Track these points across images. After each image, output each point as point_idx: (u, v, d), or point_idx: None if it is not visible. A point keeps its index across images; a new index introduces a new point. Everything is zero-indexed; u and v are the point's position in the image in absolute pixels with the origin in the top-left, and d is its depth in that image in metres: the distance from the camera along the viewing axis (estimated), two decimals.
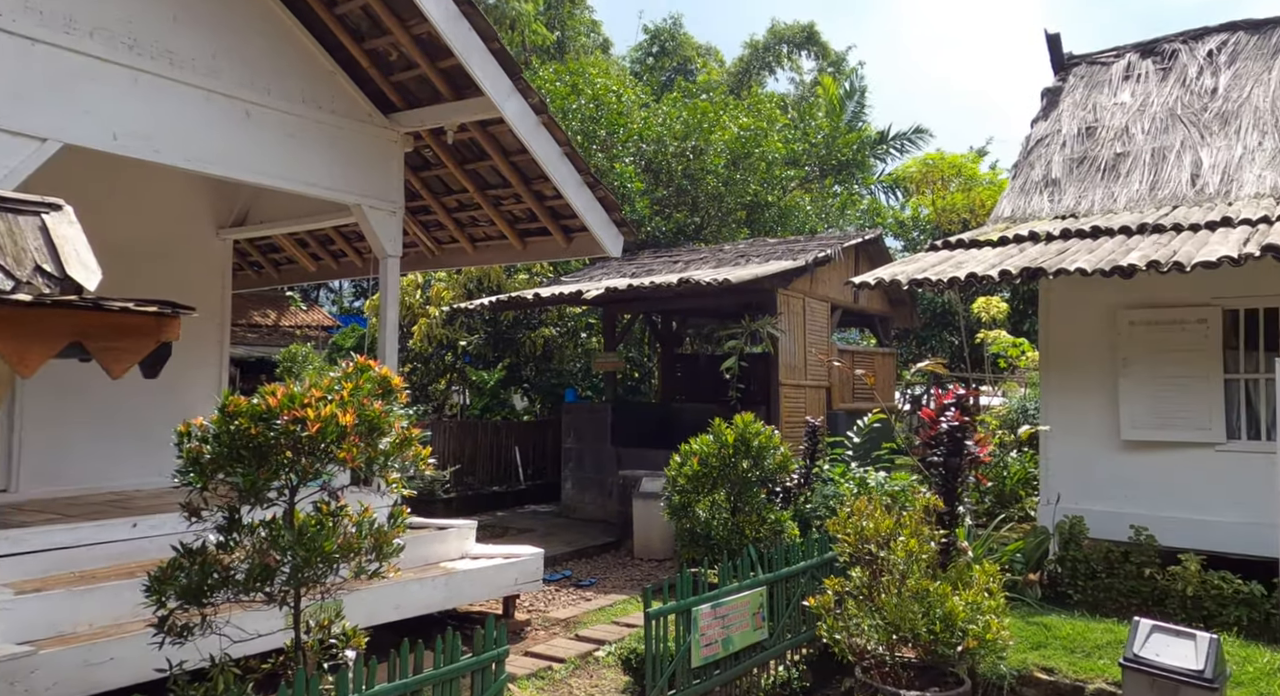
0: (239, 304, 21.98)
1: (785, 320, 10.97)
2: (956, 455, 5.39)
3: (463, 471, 13.15)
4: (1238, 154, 8.78)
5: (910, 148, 23.91)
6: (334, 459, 3.63)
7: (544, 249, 8.02)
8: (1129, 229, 7.92)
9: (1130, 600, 6.07)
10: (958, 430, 5.44)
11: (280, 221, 7.96)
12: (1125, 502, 7.36)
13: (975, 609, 4.30)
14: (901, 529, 4.51)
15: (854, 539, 4.56)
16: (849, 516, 4.69)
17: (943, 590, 4.33)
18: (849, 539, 4.59)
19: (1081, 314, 8.10)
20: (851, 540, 4.57)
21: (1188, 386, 7.40)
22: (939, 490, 5.44)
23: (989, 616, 4.31)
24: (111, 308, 2.76)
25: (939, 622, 4.22)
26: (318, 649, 3.91)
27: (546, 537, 10.59)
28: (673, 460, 6.56)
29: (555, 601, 7.90)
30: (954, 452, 5.39)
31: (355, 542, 3.56)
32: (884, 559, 4.52)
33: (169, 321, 2.97)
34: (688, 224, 16.12)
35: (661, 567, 9.34)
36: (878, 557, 4.51)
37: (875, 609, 4.48)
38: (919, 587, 4.40)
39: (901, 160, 24.12)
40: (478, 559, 6.85)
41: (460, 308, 12.51)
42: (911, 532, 4.49)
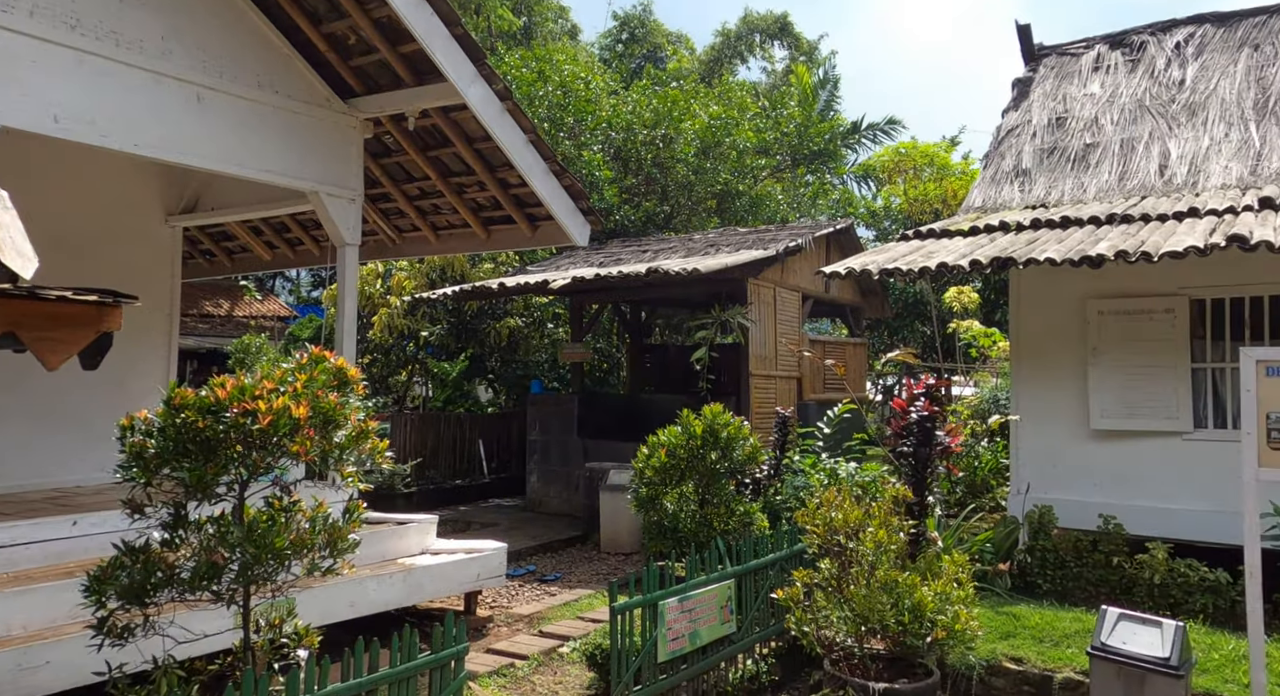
0: (190, 293, 21.40)
1: (756, 310, 10.91)
2: (926, 445, 5.35)
3: (424, 465, 12.94)
4: (1204, 145, 8.89)
5: (883, 138, 23.95)
6: (286, 453, 3.47)
7: (509, 238, 7.84)
8: (1098, 219, 7.98)
9: (1099, 589, 6.11)
10: (927, 420, 5.40)
11: (233, 208, 7.68)
12: (1094, 492, 7.42)
13: (944, 599, 4.26)
14: (870, 520, 4.45)
15: (823, 530, 4.49)
16: (818, 507, 4.62)
17: (911, 581, 4.28)
18: (818, 530, 4.52)
19: (1051, 304, 8.15)
20: (820, 531, 4.51)
21: (1156, 376, 7.47)
22: (908, 480, 5.41)
23: (958, 607, 4.27)
24: (48, 296, 2.59)
25: (908, 613, 4.18)
26: (268, 649, 3.75)
27: (511, 532, 10.45)
28: (640, 452, 6.45)
29: (519, 597, 7.76)
30: (924, 442, 5.35)
31: (308, 539, 3.40)
32: (853, 550, 4.46)
33: (109, 311, 2.80)
34: (657, 213, 16.01)
35: (629, 561, 9.25)
36: (846, 549, 4.45)
37: (844, 600, 4.42)
38: (888, 578, 4.35)
39: (874, 150, 24.22)
40: (438, 554, 6.69)
41: (422, 297, 12.27)
42: (880, 523, 4.43)
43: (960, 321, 18.30)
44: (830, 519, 4.47)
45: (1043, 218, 8.38)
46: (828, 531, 4.48)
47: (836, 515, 4.45)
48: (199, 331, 19.92)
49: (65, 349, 2.59)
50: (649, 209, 15.78)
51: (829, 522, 4.47)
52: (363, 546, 3.90)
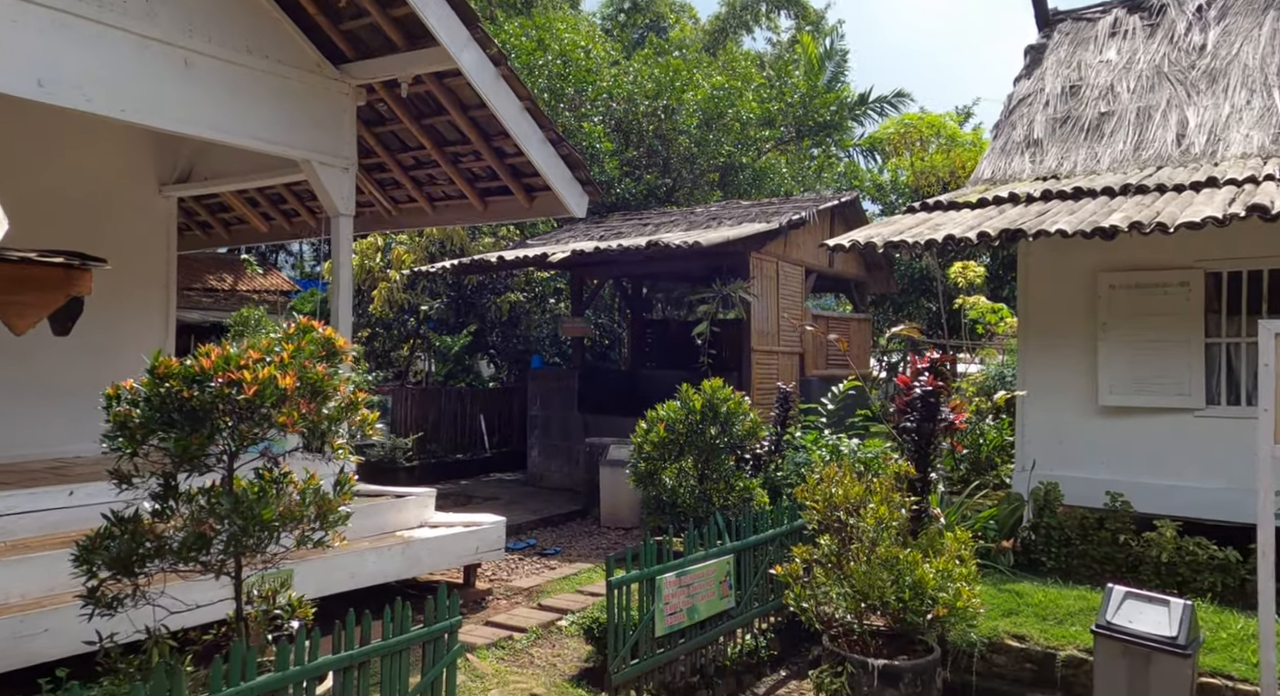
0: (193, 267, 21.27)
1: (758, 284, 10.78)
2: (930, 421, 5.25)
3: (426, 439, 12.89)
4: (1225, 113, 8.62)
5: (890, 111, 23.45)
6: (273, 424, 3.38)
7: (505, 209, 7.70)
8: (1111, 190, 7.78)
9: (1104, 567, 6.03)
10: (931, 395, 5.30)
11: (227, 178, 7.55)
12: (1101, 469, 7.32)
13: (946, 576, 4.19)
14: (871, 496, 4.37)
15: (823, 506, 4.41)
16: (818, 483, 4.53)
17: (913, 557, 4.20)
18: (818, 506, 4.44)
19: (1061, 277, 7.98)
20: (820, 507, 4.42)
21: (1168, 351, 7.31)
22: (911, 456, 5.31)
23: (959, 584, 4.19)
24: (10, 257, 2.48)
25: (908, 590, 4.10)
26: (262, 620, 3.69)
27: (511, 506, 10.41)
28: (639, 426, 6.37)
29: (518, 570, 7.73)
30: (927, 418, 5.25)
31: (298, 511, 3.32)
32: (853, 526, 4.38)
33: (78, 275, 2.70)
34: (658, 186, 15.79)
35: (629, 536, 9.21)
36: (847, 525, 4.37)
37: (844, 577, 4.35)
38: (888, 555, 4.28)
39: (881, 123, 23.80)
40: (437, 527, 6.64)
41: (422, 271, 12.14)
42: (881, 499, 4.35)
43: (966, 297, 18.14)
44: (830, 494, 4.38)
45: (1054, 189, 8.19)
46: (828, 507, 4.39)
47: (837, 491, 4.36)
48: (203, 305, 19.82)
49: (33, 313, 2.49)
50: (650, 182, 15.57)
51: (829, 498, 4.38)
52: (361, 518, 3.84)
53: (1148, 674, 3.93)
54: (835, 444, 8.54)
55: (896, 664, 4.08)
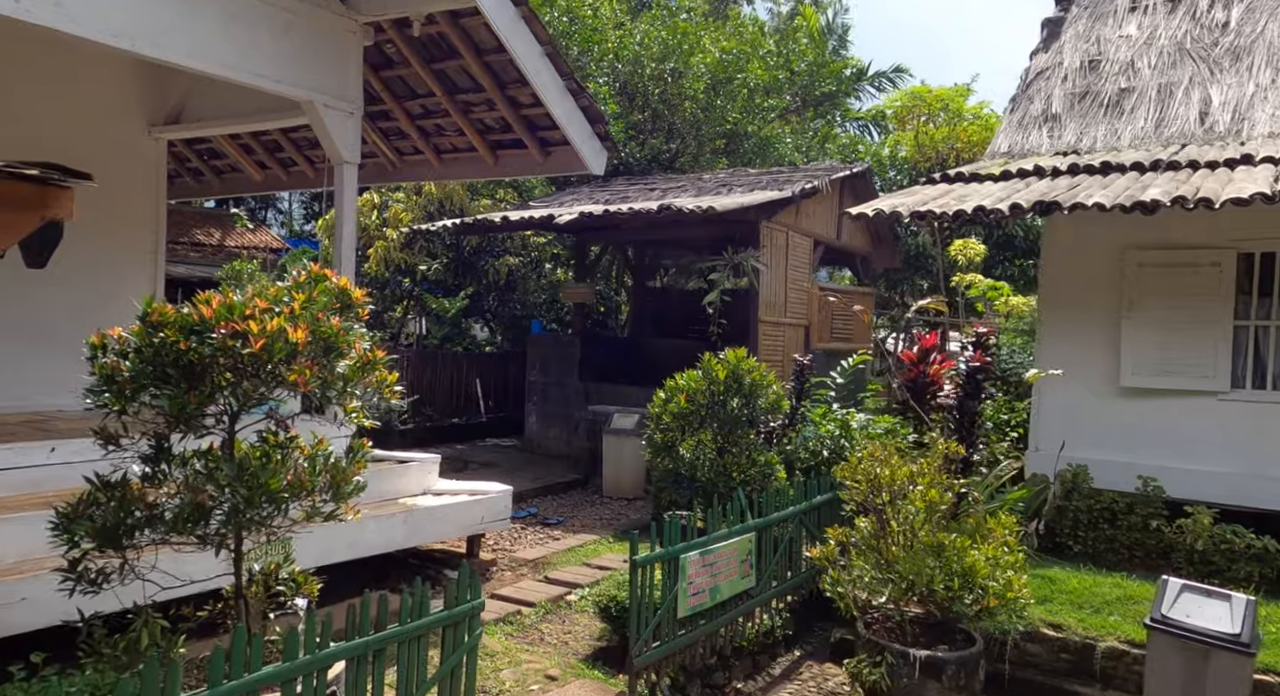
0: (181, 221, 20.69)
1: (768, 254, 10.45)
2: (975, 398, 4.98)
3: (421, 402, 12.56)
4: (1249, 91, 8.46)
5: (889, 86, 23.32)
6: (282, 382, 3.05)
7: (518, 164, 7.31)
8: (1141, 165, 7.59)
9: (1133, 552, 5.84)
10: (978, 371, 5.02)
11: (221, 120, 7.09)
12: (1121, 451, 7.12)
13: (995, 564, 3.94)
14: (919, 477, 4.10)
15: (865, 486, 4.13)
16: (860, 461, 4.26)
17: (961, 544, 3.95)
18: (860, 486, 4.17)
19: (1087, 254, 7.77)
20: (863, 487, 4.15)
21: (1195, 332, 7.13)
22: (954, 435, 5.04)
23: (1009, 572, 3.95)
24: None
25: (957, 579, 3.85)
26: (263, 596, 3.39)
27: (510, 473, 10.13)
28: (656, 396, 6.08)
29: (522, 540, 7.47)
30: (972, 395, 4.98)
31: (307, 480, 3.00)
32: (898, 508, 4.12)
33: (56, 194, 2.33)
34: (663, 151, 15.35)
35: (632, 507, 8.97)
36: (891, 506, 4.11)
37: (885, 562, 4.10)
38: (934, 540, 4.02)
39: (879, 100, 23.49)
40: (441, 495, 6.35)
41: (421, 229, 11.71)
42: (930, 481, 4.08)
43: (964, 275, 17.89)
44: (875, 475, 4.11)
45: (1080, 163, 8.01)
46: (870, 488, 4.12)
47: (882, 471, 4.09)
48: (190, 259, 19.34)
49: (5, 236, 2.12)
50: (655, 146, 15.12)
51: (873, 478, 4.11)
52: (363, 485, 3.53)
53: (1206, 671, 3.72)
54: (844, 418, 8.32)
55: (940, 655, 3.84)
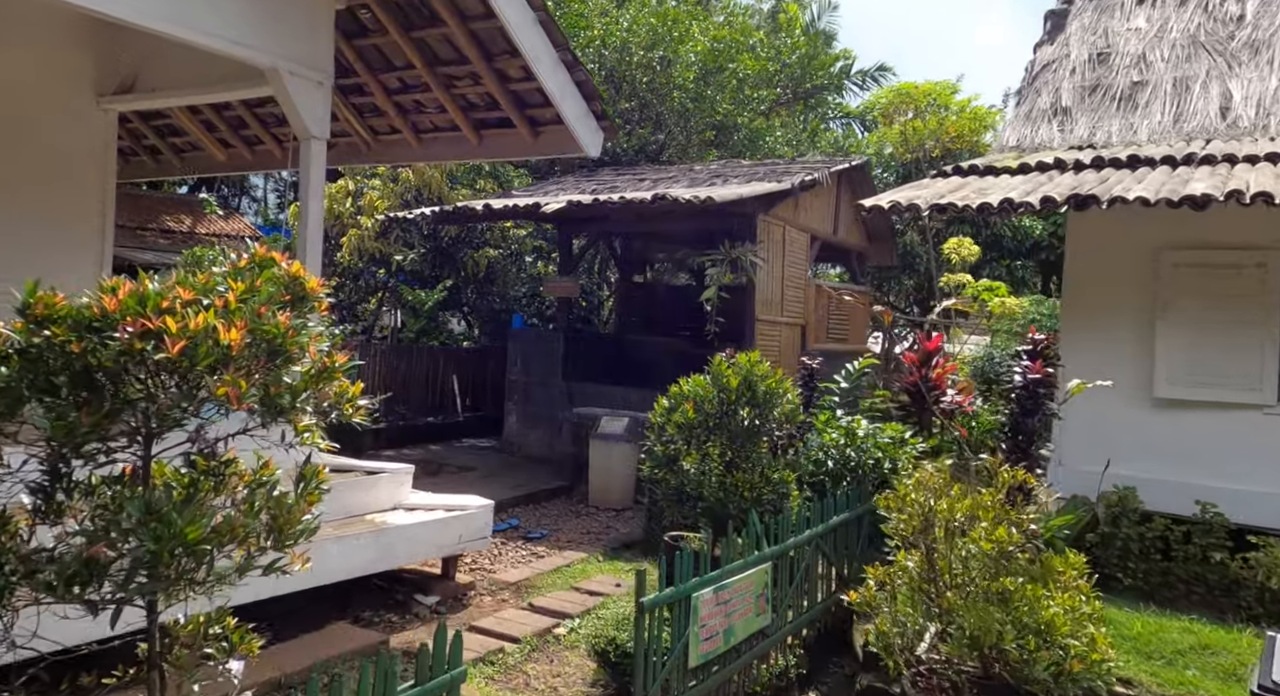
0: (150, 206, 19.74)
1: (764, 250, 9.86)
2: (1033, 415, 4.38)
3: (394, 400, 11.83)
4: (1272, 86, 8.12)
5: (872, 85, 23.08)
6: (210, 395, 2.37)
7: (505, 145, 6.62)
8: (1173, 159, 7.15)
9: (1191, 588, 5.29)
10: (1038, 384, 4.43)
11: (177, 90, 6.33)
12: (1156, 468, 6.60)
13: (1074, 616, 3.35)
14: (984, 511, 3.50)
15: (919, 521, 3.53)
16: (909, 490, 3.65)
17: (1033, 593, 3.36)
18: (910, 520, 3.56)
19: (1117, 253, 7.31)
20: (915, 522, 3.55)
21: (1237, 339, 6.66)
22: (1008, 457, 4.44)
23: (1090, 627, 3.36)
24: None
25: (1032, 636, 3.26)
26: (186, 659, 2.72)
27: (488, 479, 9.47)
28: (659, 403, 5.44)
29: (502, 558, 6.80)
30: (1030, 412, 4.39)
31: (240, 525, 2.33)
32: (955, 546, 3.52)
33: None
34: (650, 142, 14.70)
35: (620, 519, 8.33)
36: (942, 543, 3.51)
37: (940, 610, 3.50)
38: (998, 586, 3.43)
39: (864, 97, 23.16)
40: (414, 510, 5.67)
41: (397, 217, 10.97)
42: (995, 517, 3.48)
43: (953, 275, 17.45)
44: (929, 507, 3.50)
45: (1105, 156, 7.60)
46: (924, 522, 3.52)
47: (938, 503, 3.49)
48: (159, 246, 18.47)
49: None
50: (643, 137, 14.47)
51: (926, 512, 3.51)
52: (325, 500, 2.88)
53: None
54: (850, 425, 7.75)
55: None
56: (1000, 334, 14.32)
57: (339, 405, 2.68)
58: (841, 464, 7.42)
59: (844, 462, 7.42)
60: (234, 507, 2.55)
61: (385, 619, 5.30)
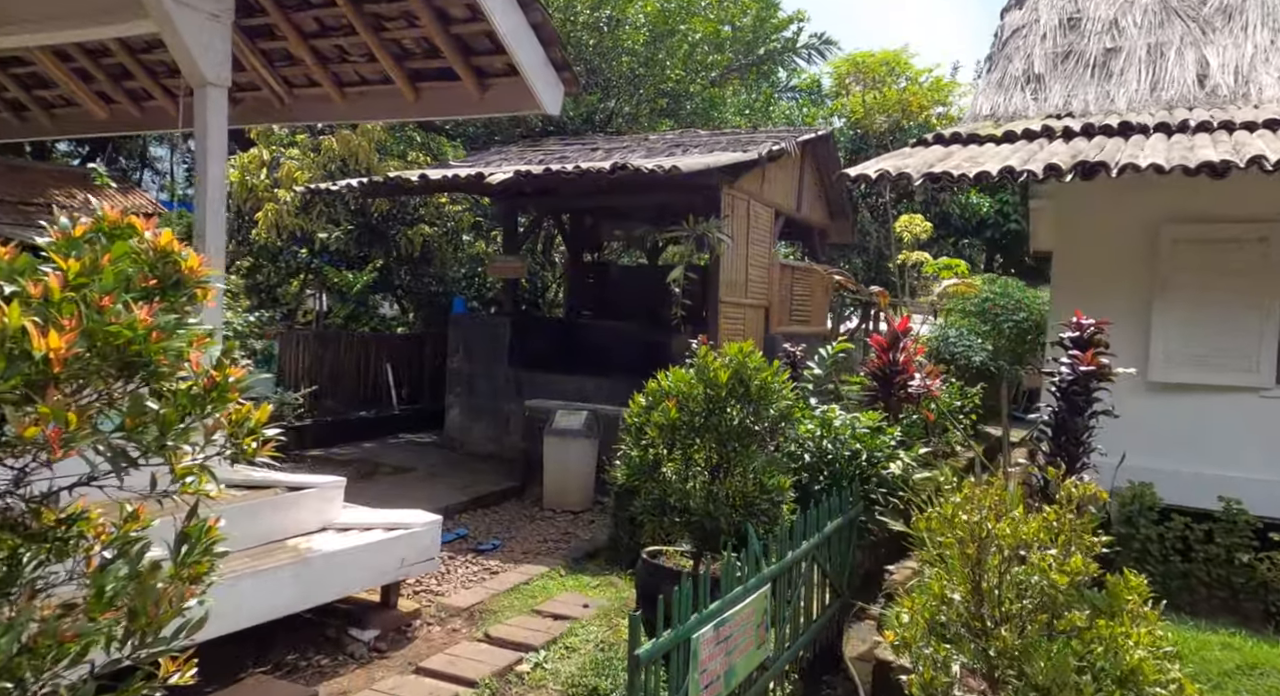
0: (35, 178, 17.88)
1: (729, 225, 9.16)
2: (1081, 412, 3.78)
3: (322, 392, 10.79)
4: (1248, 53, 7.87)
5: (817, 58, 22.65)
6: (12, 436, 1.53)
7: (446, 100, 5.71)
8: (1168, 126, 6.79)
9: (1215, 592, 4.85)
10: (1090, 377, 3.82)
11: (34, 25, 5.21)
12: (1147, 456, 6.18)
13: (1157, 657, 2.76)
14: (1051, 533, 2.87)
15: (972, 549, 2.88)
16: (956, 510, 3.00)
17: (1110, 632, 2.75)
18: (965, 548, 2.91)
19: (1111, 228, 6.91)
20: (969, 550, 2.90)
21: (1236, 318, 6.32)
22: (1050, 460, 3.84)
23: (1173, 669, 2.78)
24: None
25: (1116, 687, 2.65)
26: None
27: (430, 480, 8.59)
28: (634, 401, 4.70)
29: (451, 576, 5.98)
30: (1079, 409, 3.77)
31: (70, 633, 1.51)
32: (1010, 576, 2.89)
33: None
34: (598, 110, 13.83)
35: (579, 522, 7.58)
36: (993, 570, 2.88)
37: (996, 652, 2.87)
38: (1066, 623, 2.81)
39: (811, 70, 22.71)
40: (348, 531, 4.82)
41: (320, 189, 9.88)
42: (1066, 541, 2.86)
43: (909, 253, 17.14)
44: (984, 532, 2.86)
45: (1096, 123, 7.20)
46: (979, 549, 2.87)
47: (1000, 527, 2.84)
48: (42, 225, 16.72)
49: None
50: (590, 104, 13.60)
51: (983, 537, 2.86)
52: (235, 524, 2.08)
53: None
54: (824, 416, 7.18)
55: None
56: (953, 313, 14.03)
57: (238, 438, 1.86)
58: (818, 457, 6.84)
59: (820, 455, 6.85)
60: (80, 581, 1.74)
61: (313, 662, 4.46)
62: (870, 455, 6.84)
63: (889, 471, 6.87)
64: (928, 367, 9.58)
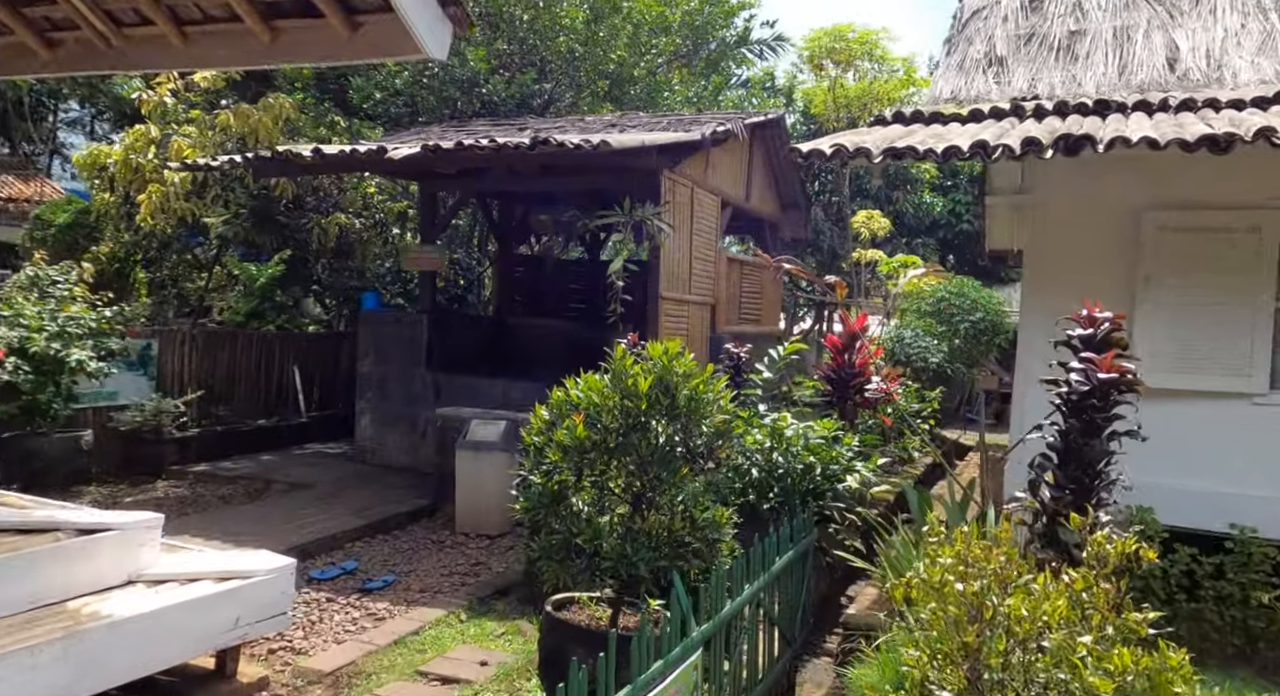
0: None
1: (671, 214, 8.24)
2: (1098, 433, 2.91)
3: (215, 398, 9.59)
4: (1218, 37, 7.40)
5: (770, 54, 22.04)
6: None
7: (309, 42, 4.62)
8: (1148, 104, 6.19)
9: (1229, 638, 4.08)
10: (1111, 387, 2.95)
11: None
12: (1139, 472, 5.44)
13: None
14: (1079, 609, 2.00)
15: (971, 634, 1.99)
16: (946, 574, 2.11)
17: None
18: (959, 632, 2.02)
19: (1089, 217, 6.29)
20: (967, 636, 2.01)
21: (1226, 317, 5.67)
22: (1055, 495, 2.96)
23: None
24: None
25: None
26: None
27: (327, 500, 7.49)
28: (535, 417, 3.75)
29: (324, 624, 4.93)
30: (1095, 428, 2.91)
31: None
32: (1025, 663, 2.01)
33: None
34: (534, 92, 12.81)
35: (494, 550, 6.58)
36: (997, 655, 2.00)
37: None
38: None
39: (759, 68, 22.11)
40: (163, 584, 3.75)
41: (197, 164, 8.66)
42: (1102, 620, 1.99)
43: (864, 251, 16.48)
44: (987, 611, 1.97)
45: (1071, 101, 6.56)
46: (979, 631, 1.99)
47: (1011, 601, 1.96)
48: None
49: None
50: (525, 84, 12.57)
51: (985, 617, 1.98)
52: None
53: None
54: (775, 424, 6.36)
55: None
56: (908, 314, 13.37)
57: None
58: (768, 471, 6.00)
59: (770, 470, 6.01)
60: None
61: None
62: (825, 468, 6.04)
63: (845, 485, 6.10)
64: (885, 370, 8.84)
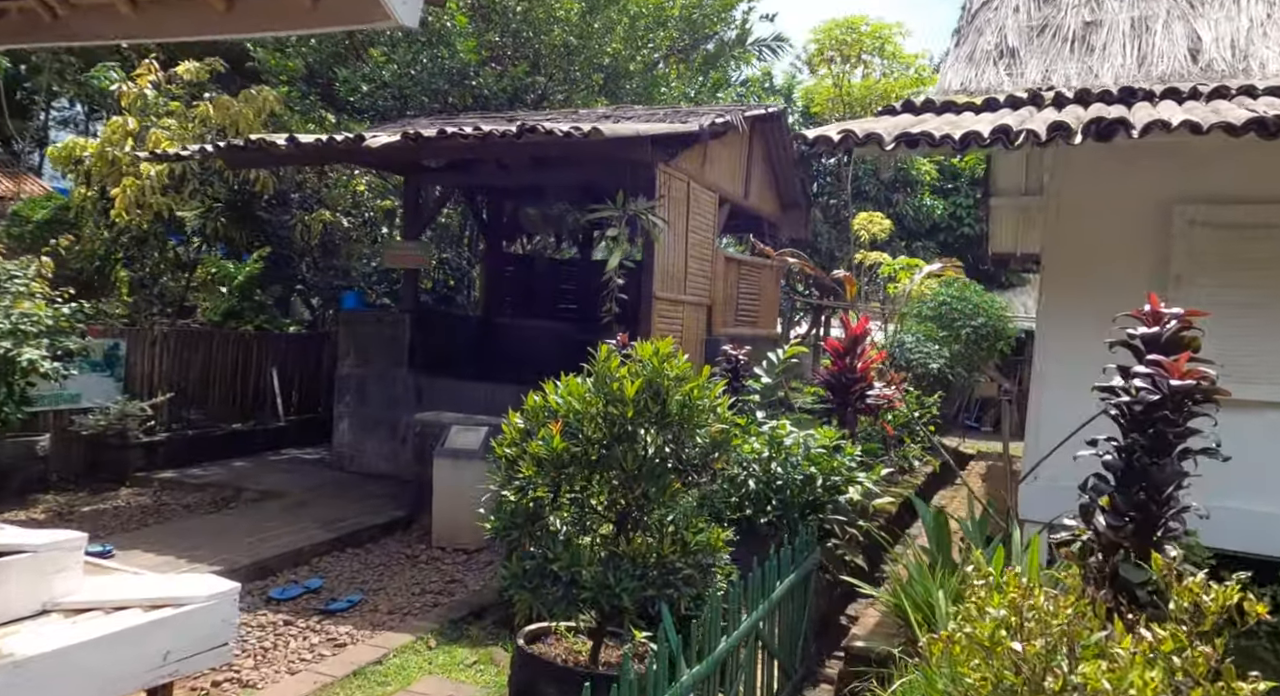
0: None
1: (665, 209, 7.83)
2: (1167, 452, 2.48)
3: (186, 400, 9.13)
4: (1243, 27, 6.96)
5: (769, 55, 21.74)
6: None
7: (267, 10, 4.16)
8: (1177, 92, 5.76)
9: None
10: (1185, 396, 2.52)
11: None
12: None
13: None
14: (1178, 679, 1.57)
15: None
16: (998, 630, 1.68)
17: None
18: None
19: (1113, 211, 5.88)
20: None
21: (1266, 319, 5.22)
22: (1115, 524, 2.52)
23: None
24: None
25: None
26: None
27: (296, 511, 7.04)
28: (508, 425, 3.31)
29: (276, 653, 4.47)
30: (1165, 446, 2.48)
31: None
32: None
33: None
34: (527, 86, 12.40)
35: (472, 565, 6.13)
36: None
37: None
38: None
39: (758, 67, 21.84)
40: (83, 613, 3.31)
41: (168, 154, 8.22)
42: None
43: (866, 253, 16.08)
44: (1059, 682, 1.55)
45: (1094, 89, 6.15)
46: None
47: (1088, 670, 1.53)
48: None
49: None
50: (517, 78, 12.15)
51: (1054, 689, 1.55)
52: None
53: None
54: (774, 431, 5.98)
55: None
56: (908, 318, 12.99)
57: None
58: (765, 483, 5.60)
59: (768, 481, 5.60)
60: None
61: None
62: (826, 479, 5.64)
63: (847, 497, 5.70)
64: (889, 375, 8.43)
